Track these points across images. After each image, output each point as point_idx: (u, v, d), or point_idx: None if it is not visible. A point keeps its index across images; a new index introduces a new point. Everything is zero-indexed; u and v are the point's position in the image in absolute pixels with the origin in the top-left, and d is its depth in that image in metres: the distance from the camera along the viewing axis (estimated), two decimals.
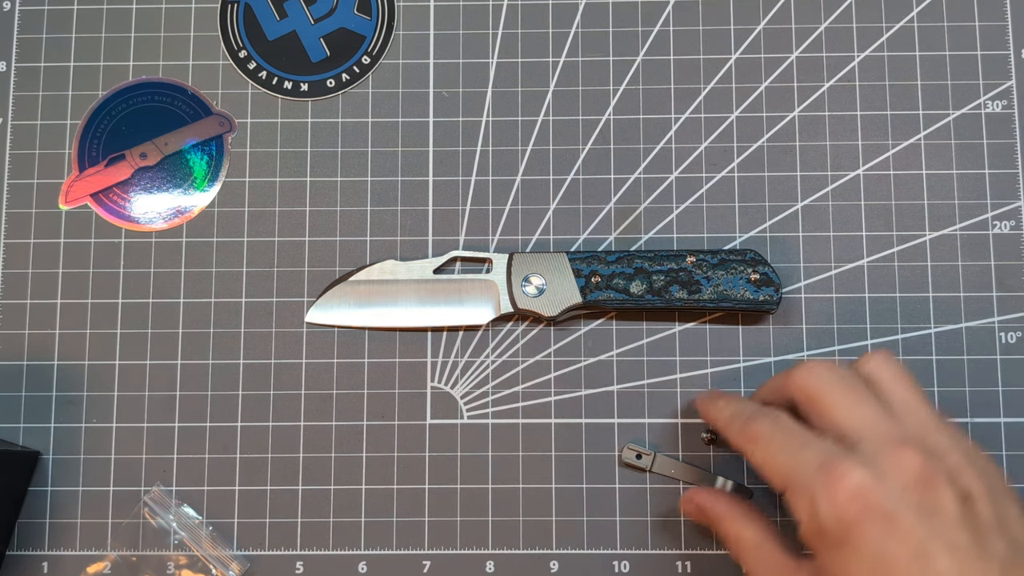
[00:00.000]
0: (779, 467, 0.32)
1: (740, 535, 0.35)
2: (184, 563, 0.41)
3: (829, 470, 0.30)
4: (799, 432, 0.33)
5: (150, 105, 0.44)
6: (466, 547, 0.41)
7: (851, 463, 0.30)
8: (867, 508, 0.29)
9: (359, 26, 0.45)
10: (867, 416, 0.32)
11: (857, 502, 0.29)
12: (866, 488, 0.29)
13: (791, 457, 0.31)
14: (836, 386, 0.33)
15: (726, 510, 0.36)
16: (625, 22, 0.44)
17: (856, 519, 0.29)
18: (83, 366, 0.42)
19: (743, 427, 0.34)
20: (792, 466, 0.31)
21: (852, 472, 0.29)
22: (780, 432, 0.33)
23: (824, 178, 0.43)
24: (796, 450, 0.31)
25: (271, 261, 0.43)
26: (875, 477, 0.29)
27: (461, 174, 0.43)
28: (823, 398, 0.33)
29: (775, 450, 0.32)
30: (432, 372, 0.42)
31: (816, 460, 0.30)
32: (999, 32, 0.44)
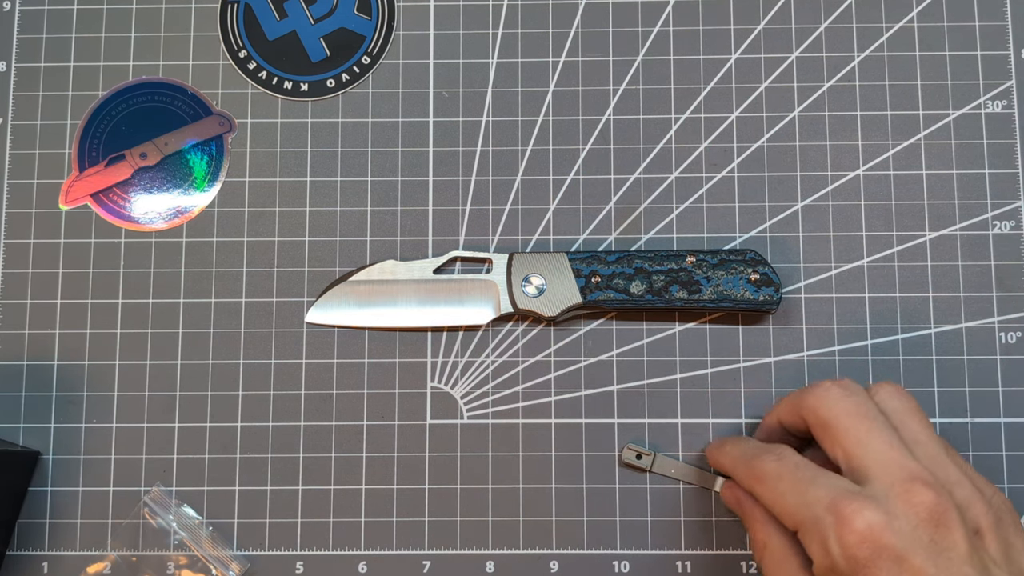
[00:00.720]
0: (789, 507, 0.32)
1: (768, 542, 0.34)
2: (184, 563, 0.41)
3: (839, 510, 0.30)
4: (805, 468, 0.32)
5: (150, 105, 0.44)
6: (466, 547, 0.41)
7: (861, 502, 0.30)
8: (878, 549, 0.29)
9: (359, 26, 0.45)
10: (879, 449, 0.32)
11: (868, 543, 0.29)
12: (876, 529, 0.29)
13: (800, 496, 0.31)
14: (850, 413, 0.33)
15: (763, 516, 0.35)
16: (625, 22, 0.44)
17: (867, 560, 0.29)
18: (83, 366, 0.42)
19: (749, 467, 0.34)
20: (801, 505, 0.31)
21: (862, 512, 0.29)
22: (787, 470, 0.33)
23: (824, 178, 0.43)
24: (804, 488, 0.31)
25: (271, 261, 0.43)
26: (886, 517, 0.29)
27: (461, 174, 0.43)
28: (836, 425, 0.33)
29: (783, 489, 0.32)
30: (432, 372, 0.42)
31: (826, 498, 0.30)
32: (999, 32, 0.44)
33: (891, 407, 0.34)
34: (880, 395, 0.34)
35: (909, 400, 0.34)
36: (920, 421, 0.33)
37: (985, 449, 0.41)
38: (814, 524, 0.30)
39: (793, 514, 0.32)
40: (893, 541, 0.29)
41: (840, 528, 0.29)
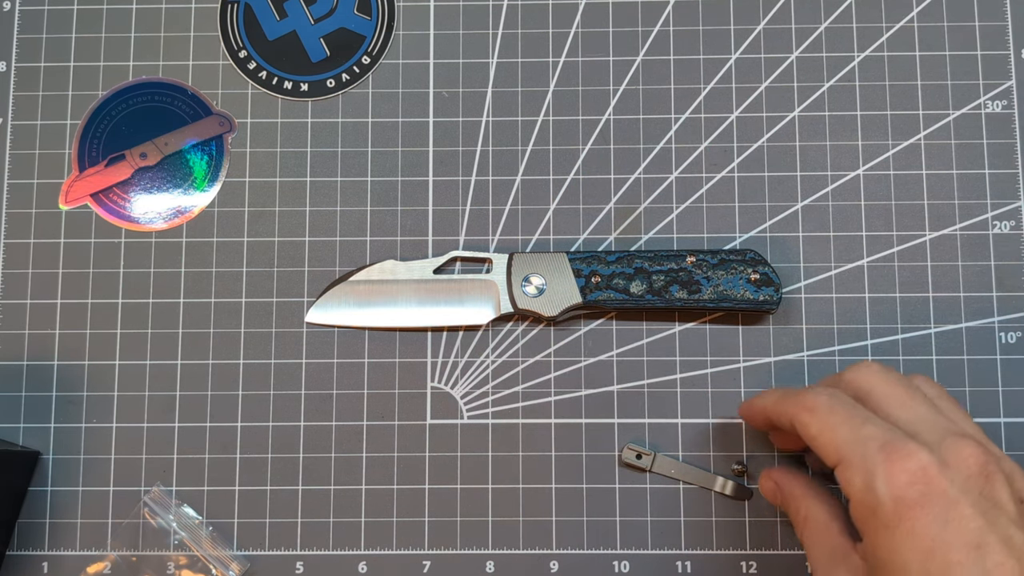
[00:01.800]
0: (838, 438, 0.31)
1: (809, 514, 0.34)
2: (184, 563, 0.41)
3: (893, 449, 0.29)
4: (860, 409, 0.32)
5: (150, 105, 0.44)
6: (466, 547, 0.41)
7: (916, 445, 0.29)
8: (929, 491, 0.28)
9: (359, 26, 0.45)
10: (924, 412, 0.31)
11: (919, 485, 0.28)
12: (930, 471, 0.28)
13: (852, 430, 0.31)
14: (892, 383, 0.33)
15: (802, 490, 0.35)
16: (625, 22, 0.44)
17: (916, 501, 0.28)
18: (83, 366, 0.42)
19: (800, 398, 0.33)
20: (851, 440, 0.30)
21: (917, 454, 0.29)
22: (840, 404, 0.32)
23: (824, 178, 0.43)
24: (859, 424, 0.31)
25: (271, 261, 0.43)
26: (939, 462, 0.29)
27: (461, 174, 0.43)
28: (878, 392, 0.33)
29: (836, 421, 0.31)
30: (432, 372, 0.42)
31: (879, 437, 0.30)
32: (999, 32, 0.44)
33: (929, 391, 0.34)
34: (917, 379, 0.34)
35: (943, 389, 0.34)
36: (957, 405, 0.33)
37: None
38: (862, 460, 0.30)
39: (841, 446, 0.31)
40: (945, 486, 0.28)
41: (891, 466, 0.29)
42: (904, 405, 0.32)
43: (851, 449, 0.30)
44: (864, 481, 0.29)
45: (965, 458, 0.29)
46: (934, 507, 0.28)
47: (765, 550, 0.40)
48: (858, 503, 0.30)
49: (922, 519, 0.28)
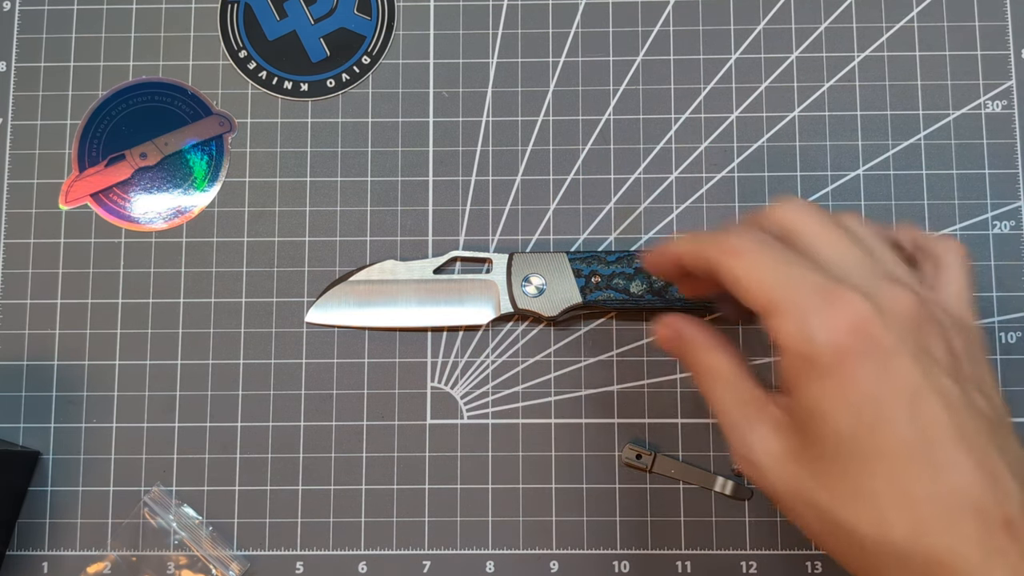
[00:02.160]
0: (765, 283, 0.28)
1: (713, 365, 0.31)
2: (184, 563, 0.41)
3: (830, 294, 0.27)
4: (790, 251, 0.29)
5: (150, 105, 0.44)
6: (466, 547, 0.41)
7: (855, 291, 0.27)
8: (868, 341, 0.26)
9: (359, 26, 0.45)
10: (855, 253, 0.29)
11: (859, 333, 0.26)
12: (869, 319, 0.27)
13: (783, 275, 0.28)
14: (821, 222, 0.30)
15: (706, 340, 0.32)
16: (625, 22, 0.44)
17: (855, 350, 0.26)
18: (83, 366, 0.42)
19: (722, 241, 0.30)
20: (783, 284, 0.28)
21: (856, 300, 0.27)
22: (768, 248, 0.29)
23: (824, 178, 0.43)
24: (789, 268, 0.28)
25: (271, 261, 0.43)
26: (876, 309, 0.27)
27: (461, 174, 0.43)
28: (805, 230, 0.30)
29: (763, 265, 0.28)
30: (432, 372, 0.42)
31: (813, 281, 0.27)
32: (999, 32, 0.44)
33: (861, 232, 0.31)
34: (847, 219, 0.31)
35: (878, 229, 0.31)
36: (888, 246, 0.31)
37: None
38: (795, 306, 0.27)
39: (771, 291, 0.28)
40: (882, 334, 0.26)
41: (829, 312, 0.27)
42: (834, 245, 0.29)
43: (783, 294, 0.28)
44: (799, 328, 0.27)
45: (901, 305, 0.27)
46: (873, 357, 0.26)
47: (765, 550, 0.40)
48: (791, 351, 0.27)
49: (861, 369, 0.26)
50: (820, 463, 0.27)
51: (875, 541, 0.26)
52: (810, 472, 0.28)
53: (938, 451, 0.26)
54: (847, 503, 0.27)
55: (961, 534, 0.25)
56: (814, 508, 0.28)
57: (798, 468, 0.28)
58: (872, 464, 0.26)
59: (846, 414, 0.27)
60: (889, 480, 0.26)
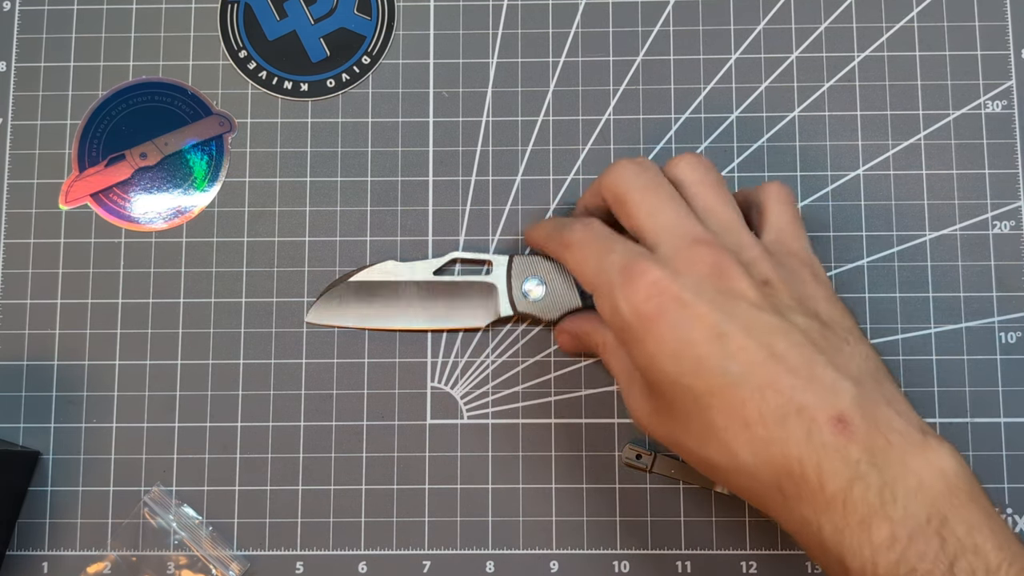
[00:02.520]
0: (588, 270, 0.33)
1: (604, 339, 0.36)
2: (184, 563, 0.41)
3: (629, 270, 0.31)
4: (609, 237, 0.34)
5: (150, 105, 0.44)
6: (466, 547, 0.41)
7: (648, 262, 0.31)
8: (663, 301, 0.30)
9: (359, 26, 0.45)
10: (668, 219, 0.33)
11: (654, 298, 0.30)
12: (662, 283, 0.30)
13: (599, 260, 0.32)
14: (642, 188, 0.34)
15: (592, 323, 0.37)
16: (625, 22, 0.44)
17: (654, 313, 0.30)
18: (83, 366, 0.42)
19: (559, 235, 0.35)
20: (598, 269, 0.32)
21: (649, 270, 0.31)
22: (591, 237, 0.34)
23: (824, 178, 0.43)
24: (604, 254, 0.32)
25: (271, 261, 0.43)
26: (670, 273, 0.30)
27: (461, 174, 0.43)
28: (629, 199, 0.34)
29: (586, 255, 0.33)
30: (432, 372, 0.42)
31: (618, 262, 0.31)
32: (999, 32, 0.44)
33: (688, 179, 0.35)
34: (678, 167, 0.35)
35: (707, 171, 0.35)
36: (713, 189, 0.34)
37: (985, 449, 0.41)
38: (607, 286, 0.31)
39: (591, 277, 0.33)
40: (677, 292, 0.30)
41: (628, 287, 0.31)
42: (651, 213, 0.33)
43: (599, 278, 0.32)
44: (610, 305, 0.31)
45: (696, 262, 0.31)
46: (671, 313, 0.30)
47: (765, 550, 0.40)
48: (611, 325, 0.32)
49: (663, 326, 0.30)
50: (672, 411, 0.31)
51: (731, 469, 0.30)
52: (670, 421, 0.32)
53: (756, 376, 0.29)
54: (702, 442, 0.30)
55: (790, 439, 0.28)
56: (685, 450, 0.32)
57: (662, 419, 0.32)
58: (706, 401, 0.29)
59: (669, 365, 0.30)
60: (724, 412, 0.29)
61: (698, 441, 0.30)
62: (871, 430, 0.28)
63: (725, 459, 0.29)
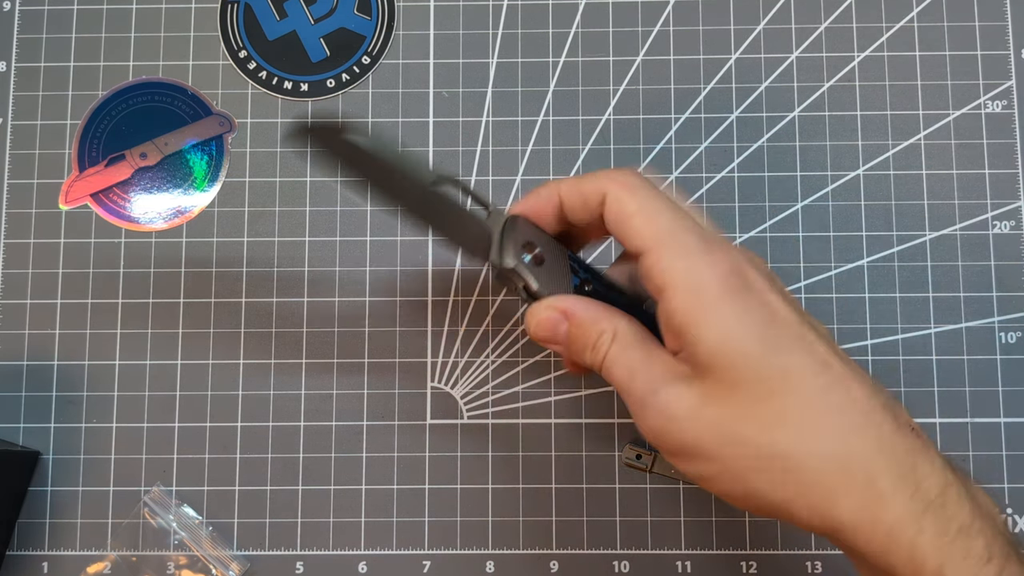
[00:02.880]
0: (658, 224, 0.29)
1: (619, 329, 0.30)
2: (184, 563, 0.41)
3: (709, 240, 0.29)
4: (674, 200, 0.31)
5: (150, 105, 0.44)
6: (466, 547, 0.41)
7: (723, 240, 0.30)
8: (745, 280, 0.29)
9: (359, 26, 0.45)
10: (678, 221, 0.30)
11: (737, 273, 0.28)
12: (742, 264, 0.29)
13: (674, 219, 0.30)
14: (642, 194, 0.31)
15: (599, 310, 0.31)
16: (625, 22, 0.44)
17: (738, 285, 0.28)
18: (83, 366, 0.42)
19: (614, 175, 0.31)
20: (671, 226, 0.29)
21: (730, 247, 0.29)
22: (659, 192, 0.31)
23: (824, 178, 0.43)
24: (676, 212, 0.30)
25: (271, 261, 0.43)
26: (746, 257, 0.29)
27: (461, 174, 0.43)
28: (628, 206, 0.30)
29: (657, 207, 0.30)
30: (432, 372, 0.42)
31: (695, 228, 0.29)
32: (999, 32, 0.44)
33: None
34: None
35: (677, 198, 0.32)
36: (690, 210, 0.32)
37: (985, 449, 0.41)
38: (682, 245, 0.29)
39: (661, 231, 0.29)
40: (755, 277, 0.29)
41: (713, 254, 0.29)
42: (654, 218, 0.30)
43: (672, 236, 0.29)
44: (687, 265, 0.28)
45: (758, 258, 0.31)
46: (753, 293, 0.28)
47: (765, 550, 0.40)
48: (680, 286, 0.28)
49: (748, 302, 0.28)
50: (740, 392, 0.28)
51: (811, 456, 0.27)
52: (731, 406, 0.28)
53: (835, 369, 0.28)
54: (776, 425, 0.27)
55: (884, 432, 0.27)
56: (742, 444, 0.28)
57: (718, 408, 0.28)
58: (791, 379, 0.27)
59: (755, 330, 0.28)
60: (810, 392, 0.27)
61: (767, 426, 0.27)
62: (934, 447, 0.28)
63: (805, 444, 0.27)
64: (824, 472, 0.27)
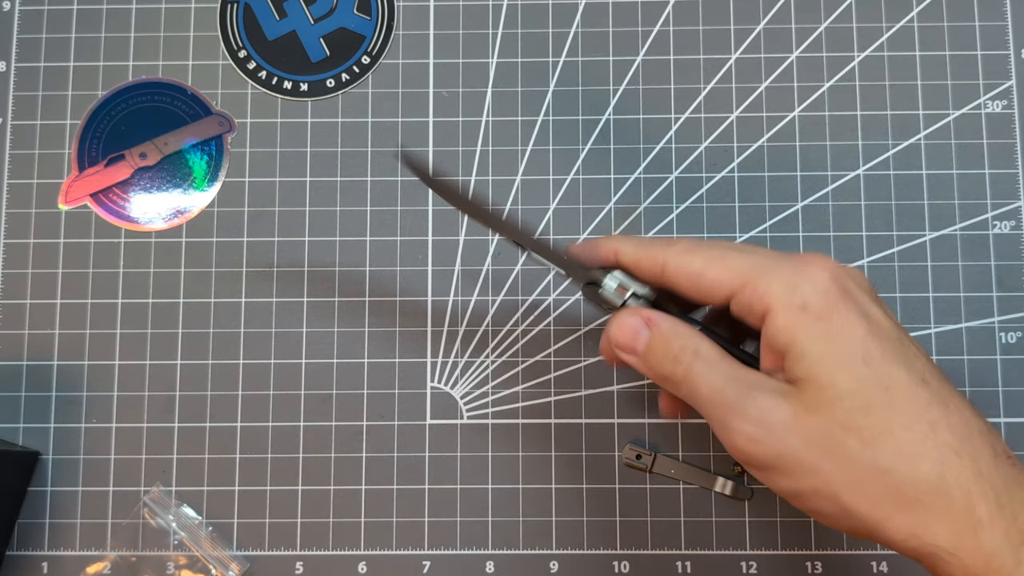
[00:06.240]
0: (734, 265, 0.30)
1: (698, 347, 0.30)
2: (184, 563, 0.41)
3: (799, 258, 0.29)
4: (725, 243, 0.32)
5: (150, 105, 0.44)
6: (466, 547, 0.41)
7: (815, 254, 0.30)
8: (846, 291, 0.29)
9: (359, 26, 0.45)
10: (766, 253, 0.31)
11: (837, 282, 0.29)
12: (840, 274, 0.29)
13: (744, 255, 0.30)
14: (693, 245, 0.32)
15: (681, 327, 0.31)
16: (625, 22, 0.44)
17: (839, 296, 0.28)
18: (83, 366, 0.42)
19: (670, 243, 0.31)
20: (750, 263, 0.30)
21: (822, 259, 0.29)
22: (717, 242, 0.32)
23: (824, 178, 0.43)
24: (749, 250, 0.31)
25: (271, 261, 0.43)
26: (841, 267, 0.29)
27: (461, 174, 0.43)
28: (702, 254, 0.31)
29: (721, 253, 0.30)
30: (432, 372, 0.42)
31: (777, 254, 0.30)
32: (999, 32, 0.44)
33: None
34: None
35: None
36: None
37: None
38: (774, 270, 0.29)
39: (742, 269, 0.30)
40: (853, 288, 0.29)
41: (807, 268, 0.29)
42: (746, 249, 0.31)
43: (754, 269, 0.29)
44: (785, 287, 0.29)
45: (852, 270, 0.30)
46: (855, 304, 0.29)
47: (765, 550, 0.40)
48: (784, 307, 0.28)
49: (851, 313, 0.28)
50: (843, 404, 0.27)
51: (910, 476, 0.27)
52: (833, 418, 0.27)
53: (933, 387, 0.28)
54: (878, 440, 0.27)
55: (981, 457, 0.27)
56: (842, 457, 0.27)
57: (818, 418, 0.28)
58: (893, 395, 0.27)
59: (858, 344, 0.28)
60: (911, 411, 0.27)
61: (869, 441, 0.27)
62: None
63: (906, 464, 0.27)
64: (924, 492, 0.26)
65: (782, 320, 0.28)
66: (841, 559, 0.40)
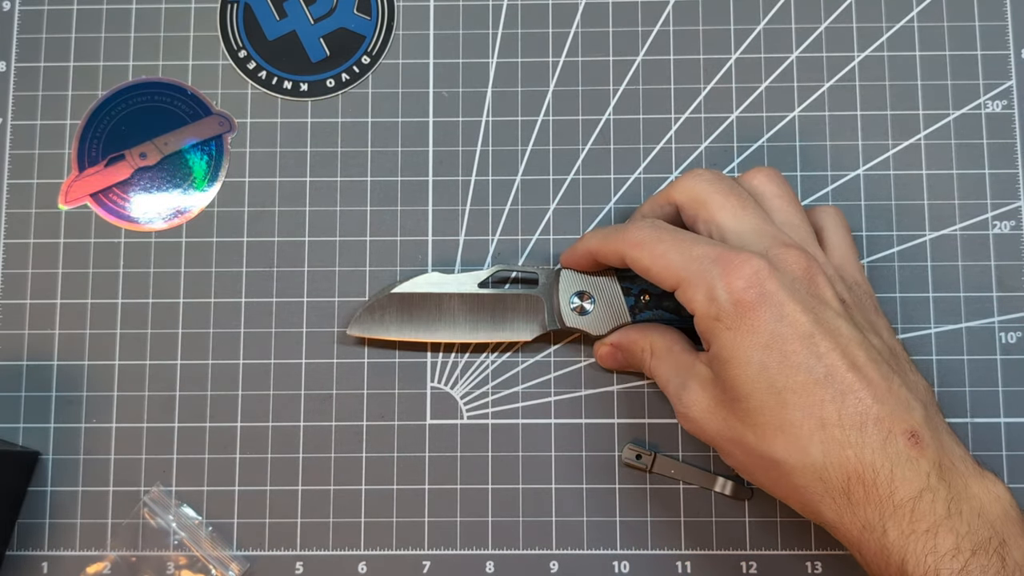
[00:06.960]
0: (672, 264, 0.33)
1: (652, 344, 0.37)
2: (184, 563, 0.41)
3: (728, 259, 0.31)
4: (685, 232, 0.34)
5: (150, 105, 0.44)
6: (466, 547, 0.41)
7: (748, 254, 0.31)
8: (763, 292, 0.31)
9: (359, 26, 0.45)
10: (752, 221, 0.34)
11: (754, 287, 0.31)
12: (763, 274, 0.31)
13: (684, 252, 0.33)
14: (723, 191, 0.35)
15: (638, 332, 0.38)
16: (625, 22, 0.44)
17: (753, 302, 0.31)
18: (83, 366, 0.42)
19: (624, 235, 0.35)
20: (687, 260, 0.32)
21: (750, 260, 0.31)
22: (666, 233, 0.34)
23: (824, 178, 0.43)
24: (688, 246, 0.33)
25: (271, 261, 0.43)
26: (769, 267, 0.31)
27: (461, 174, 0.43)
28: (711, 200, 0.34)
29: (664, 249, 0.33)
30: (432, 372, 0.42)
31: (712, 253, 0.32)
32: (999, 32, 0.44)
33: (766, 191, 0.36)
34: (756, 179, 0.36)
35: (784, 185, 0.36)
36: (792, 204, 0.36)
37: (985, 449, 0.41)
38: (700, 275, 0.32)
39: (677, 270, 0.33)
40: (776, 287, 0.31)
41: (728, 275, 0.31)
42: (736, 216, 0.34)
43: (687, 269, 0.32)
44: (705, 293, 0.32)
45: (791, 263, 0.32)
46: (769, 306, 0.31)
47: (765, 550, 0.40)
48: (702, 315, 0.32)
49: (759, 316, 0.31)
50: (741, 404, 0.31)
51: (797, 466, 0.30)
52: (735, 414, 0.32)
53: (838, 380, 0.30)
54: (769, 436, 0.31)
55: (868, 445, 0.30)
56: (743, 446, 0.32)
57: (726, 413, 0.32)
58: (785, 397, 0.30)
59: (756, 355, 0.31)
60: (802, 410, 0.30)
61: (764, 434, 0.31)
62: (938, 450, 0.30)
63: (793, 456, 0.30)
64: (809, 479, 0.30)
65: (702, 326, 0.33)
66: (841, 559, 0.40)
